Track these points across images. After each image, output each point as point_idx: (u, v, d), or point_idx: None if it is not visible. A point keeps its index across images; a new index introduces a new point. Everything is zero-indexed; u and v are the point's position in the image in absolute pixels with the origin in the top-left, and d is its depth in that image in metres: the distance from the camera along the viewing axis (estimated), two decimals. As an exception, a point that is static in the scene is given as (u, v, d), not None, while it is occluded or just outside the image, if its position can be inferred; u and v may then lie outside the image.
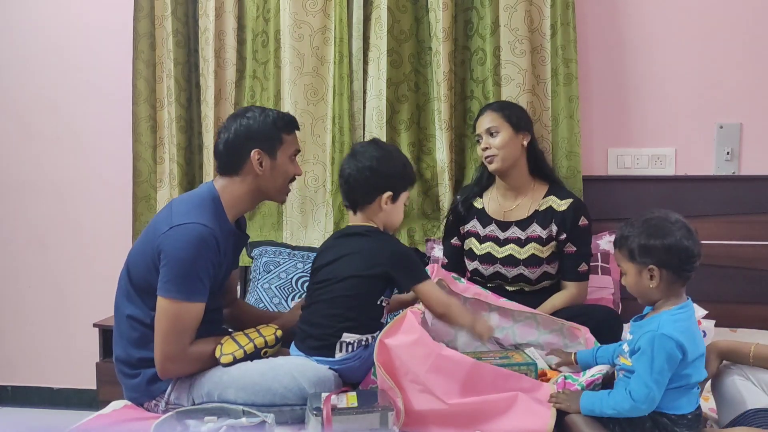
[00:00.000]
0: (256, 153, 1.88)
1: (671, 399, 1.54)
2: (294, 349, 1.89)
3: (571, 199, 2.26)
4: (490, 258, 2.29)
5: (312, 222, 2.78)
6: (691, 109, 2.63)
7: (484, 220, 2.34)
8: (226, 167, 1.92)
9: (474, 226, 2.36)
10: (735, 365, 1.72)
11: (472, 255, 2.34)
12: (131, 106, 2.86)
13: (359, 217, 1.93)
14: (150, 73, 2.86)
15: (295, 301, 2.47)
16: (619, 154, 2.69)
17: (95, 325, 2.67)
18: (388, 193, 1.89)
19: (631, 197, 2.64)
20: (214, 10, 2.74)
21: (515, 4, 2.52)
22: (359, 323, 1.83)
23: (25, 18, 3.07)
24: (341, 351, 1.81)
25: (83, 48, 3.03)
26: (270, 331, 1.88)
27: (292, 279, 2.58)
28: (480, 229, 2.34)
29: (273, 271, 2.62)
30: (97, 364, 2.65)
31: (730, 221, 2.58)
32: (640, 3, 2.63)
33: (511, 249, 2.27)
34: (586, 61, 2.65)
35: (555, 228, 2.24)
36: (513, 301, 2.06)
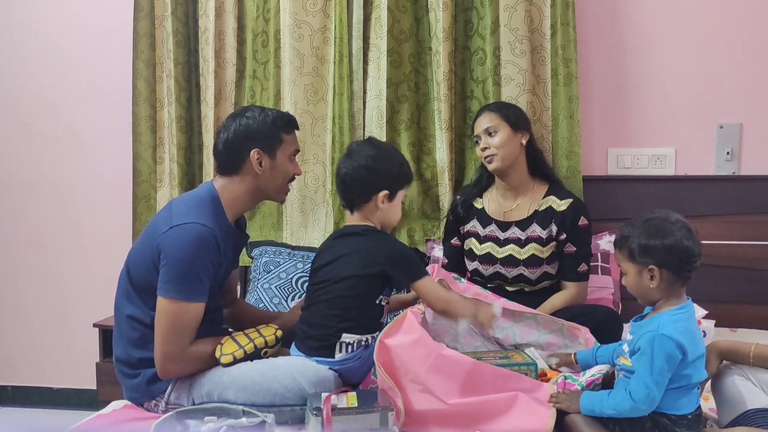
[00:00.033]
0: (255, 153, 1.88)
1: (671, 399, 1.54)
2: (294, 350, 1.89)
3: (570, 199, 2.26)
4: (490, 258, 2.29)
5: (312, 222, 2.78)
6: (691, 109, 2.63)
7: (484, 220, 2.34)
8: (226, 167, 1.92)
9: (474, 226, 2.36)
10: (735, 365, 1.72)
11: (472, 255, 2.34)
12: (131, 106, 2.86)
13: (356, 216, 1.93)
14: (150, 73, 2.86)
15: (295, 301, 2.46)
16: (619, 154, 2.69)
17: (95, 325, 2.68)
18: (384, 192, 1.89)
19: (631, 197, 2.64)
20: (214, 10, 2.74)
21: (515, 4, 2.52)
22: (359, 323, 1.83)
23: (25, 18, 3.07)
24: (341, 351, 1.81)
25: (83, 48, 3.03)
26: (270, 331, 1.88)
27: (292, 279, 2.58)
28: (480, 229, 2.34)
29: (273, 271, 2.62)
30: (97, 364, 2.65)
31: (730, 221, 2.58)
32: (640, 3, 2.63)
33: (511, 249, 2.27)
34: (586, 61, 2.65)
35: (555, 228, 2.24)
36: (513, 301, 2.06)
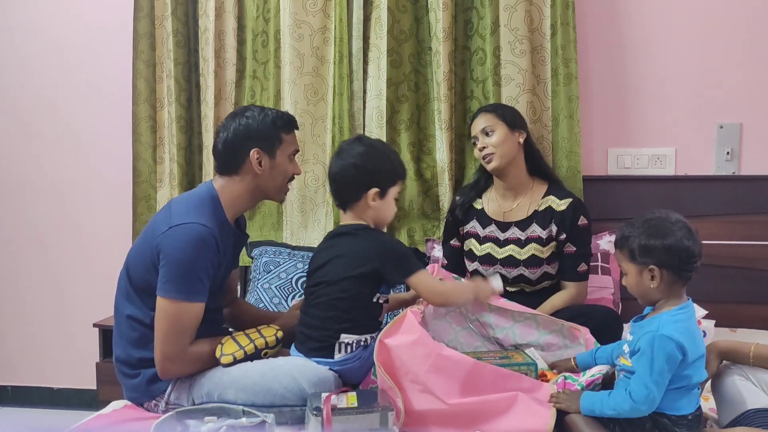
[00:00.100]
0: (255, 152, 1.88)
1: (671, 400, 1.53)
2: (293, 350, 1.88)
3: (570, 199, 2.26)
4: (490, 259, 2.29)
5: (312, 222, 2.78)
6: (691, 109, 2.63)
7: (484, 221, 2.34)
8: (225, 167, 1.92)
9: (474, 227, 2.36)
10: (735, 365, 1.72)
11: (472, 256, 2.34)
12: (131, 106, 2.86)
13: (349, 215, 1.92)
14: (150, 73, 2.85)
15: (295, 300, 2.46)
16: (619, 154, 2.69)
17: (95, 325, 2.67)
18: (375, 190, 1.87)
19: (631, 197, 2.64)
20: (214, 10, 2.74)
21: (515, 4, 2.52)
22: (357, 324, 1.83)
23: (25, 18, 3.07)
24: (340, 352, 1.81)
25: (83, 48, 3.03)
26: (271, 332, 1.88)
27: (292, 279, 2.58)
28: (480, 230, 2.34)
29: (273, 271, 2.62)
30: (97, 364, 2.65)
31: (730, 221, 2.58)
32: (640, 3, 2.63)
33: (511, 250, 2.27)
34: (586, 61, 2.65)
35: (555, 228, 2.24)
36: (513, 301, 2.05)
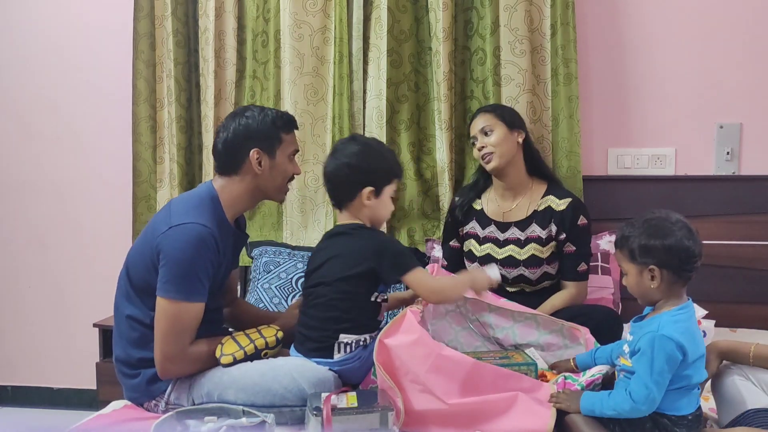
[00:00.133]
0: (255, 152, 1.88)
1: (672, 400, 1.53)
2: (293, 351, 1.88)
3: (569, 199, 2.26)
4: (489, 259, 2.29)
5: (312, 222, 2.77)
6: (691, 109, 2.63)
7: (483, 221, 2.34)
8: (225, 167, 1.92)
9: (473, 227, 2.35)
10: (735, 365, 1.72)
11: (471, 256, 2.34)
12: (131, 106, 2.86)
13: (345, 215, 1.91)
14: (150, 73, 2.85)
15: (294, 300, 2.46)
16: (619, 154, 2.69)
17: (95, 325, 2.67)
18: (369, 188, 1.86)
19: (631, 197, 2.64)
20: (214, 10, 2.74)
21: (515, 4, 2.52)
22: (356, 324, 1.83)
23: (25, 18, 3.07)
24: (339, 352, 1.81)
25: (83, 48, 3.03)
26: (271, 332, 1.88)
27: (292, 279, 2.58)
28: (479, 230, 2.34)
29: (273, 271, 2.62)
30: (97, 364, 2.65)
31: (730, 221, 2.58)
32: (640, 3, 2.63)
33: (510, 250, 2.27)
34: (586, 61, 2.65)
35: (554, 228, 2.24)
36: (513, 301, 2.05)
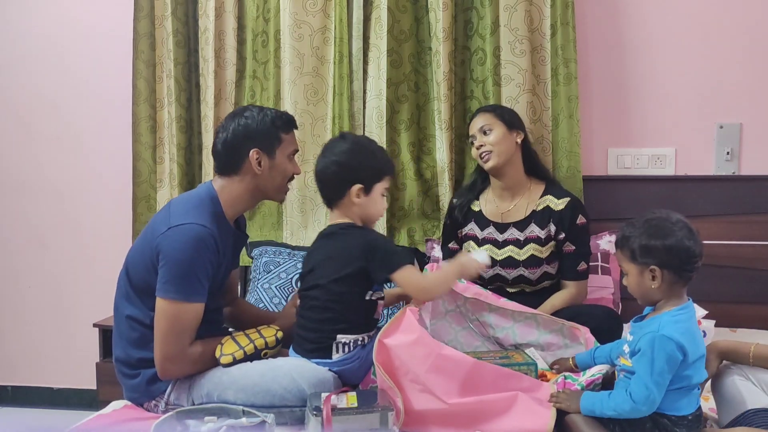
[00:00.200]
0: (254, 152, 1.88)
1: (672, 400, 1.53)
2: (292, 352, 1.88)
3: (568, 198, 2.26)
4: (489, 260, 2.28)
5: (312, 222, 2.77)
6: (691, 109, 2.63)
7: (482, 222, 2.34)
8: (225, 167, 1.92)
9: (472, 229, 2.35)
10: (735, 365, 1.72)
11: (471, 257, 2.34)
12: (131, 106, 2.86)
13: (336, 213, 1.91)
14: (150, 73, 2.85)
15: (290, 298, 2.45)
16: (619, 154, 2.69)
17: (95, 325, 2.67)
18: (358, 186, 1.85)
19: (631, 197, 2.64)
20: (214, 10, 2.74)
21: (515, 4, 2.52)
22: (352, 324, 1.82)
23: (25, 18, 3.07)
24: (338, 352, 1.81)
25: (83, 48, 3.03)
26: (271, 332, 1.88)
27: (292, 279, 2.58)
28: (478, 232, 2.34)
29: (273, 271, 2.62)
30: (97, 364, 2.65)
31: (730, 221, 2.58)
32: (640, 3, 2.63)
33: (510, 251, 2.27)
34: (586, 61, 2.65)
35: (553, 227, 2.24)
36: (514, 301, 2.05)
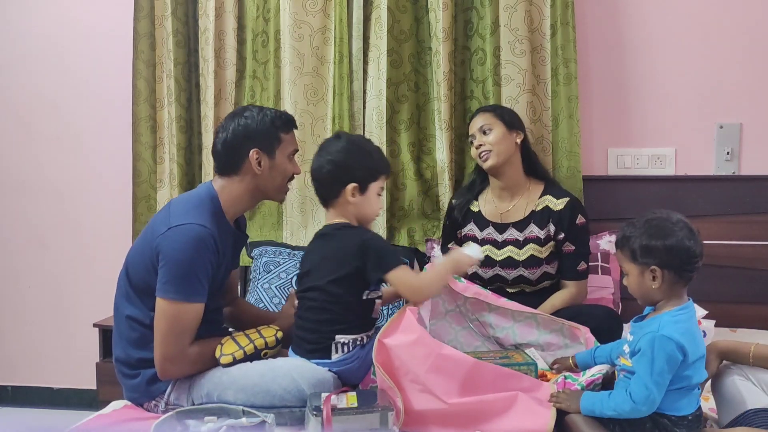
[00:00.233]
0: (254, 152, 1.88)
1: (672, 400, 1.53)
2: (291, 353, 1.88)
3: (567, 198, 2.26)
4: (488, 261, 2.28)
5: (312, 222, 2.77)
6: (691, 109, 2.63)
7: (481, 223, 2.34)
8: (225, 167, 1.92)
9: (471, 229, 2.35)
10: (735, 365, 1.72)
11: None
12: (131, 106, 2.86)
13: (331, 213, 1.91)
14: (150, 73, 2.85)
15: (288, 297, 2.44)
16: (619, 154, 2.69)
17: (95, 325, 2.67)
18: (353, 185, 1.84)
19: (631, 197, 2.64)
20: (214, 10, 2.74)
21: (515, 4, 2.52)
22: (351, 324, 1.82)
23: (25, 18, 3.07)
24: (337, 352, 1.80)
25: (83, 48, 3.03)
26: (271, 332, 1.88)
27: (292, 279, 2.58)
28: (477, 232, 2.34)
29: (273, 271, 2.62)
30: (97, 364, 2.65)
31: (730, 221, 2.58)
32: (640, 3, 2.63)
33: (509, 251, 2.27)
34: (586, 61, 2.65)
35: (553, 227, 2.24)
36: (514, 301, 2.05)
